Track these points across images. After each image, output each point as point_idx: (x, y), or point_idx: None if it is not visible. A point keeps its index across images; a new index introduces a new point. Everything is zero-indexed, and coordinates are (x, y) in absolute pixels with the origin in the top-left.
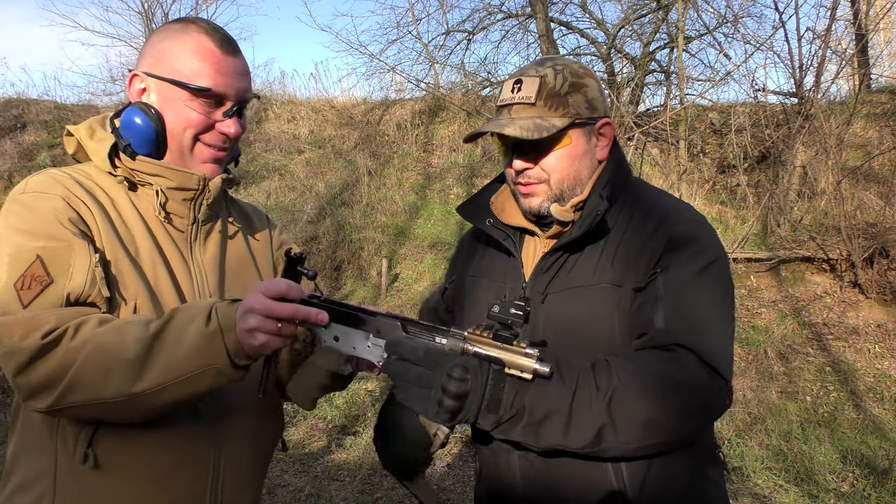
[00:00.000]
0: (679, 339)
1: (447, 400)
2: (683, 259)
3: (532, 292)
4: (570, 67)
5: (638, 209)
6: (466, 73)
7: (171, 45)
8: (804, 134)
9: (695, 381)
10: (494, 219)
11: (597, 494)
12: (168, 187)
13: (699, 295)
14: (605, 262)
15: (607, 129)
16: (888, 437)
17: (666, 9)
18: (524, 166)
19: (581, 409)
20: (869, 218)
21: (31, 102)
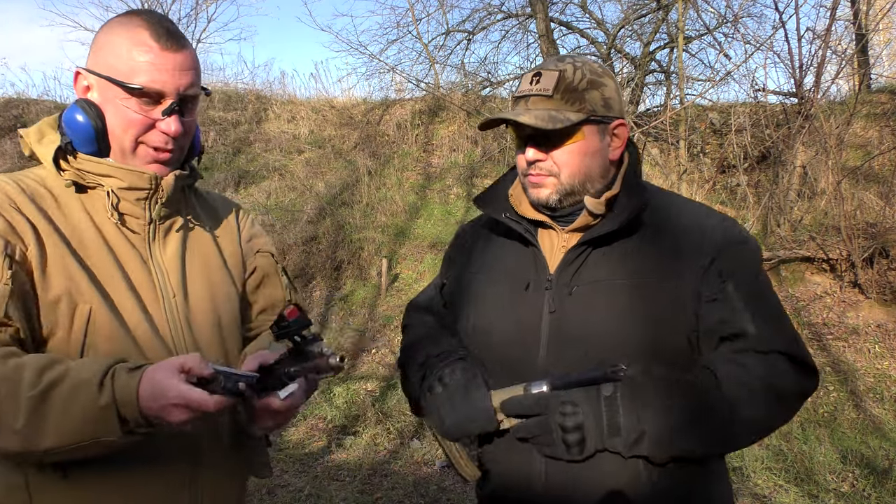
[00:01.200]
0: (775, 346)
1: (569, 436)
2: (745, 263)
3: (558, 285)
4: (589, 65)
5: (668, 209)
6: (466, 73)
7: (110, 40)
8: (804, 134)
9: (795, 385)
10: (511, 210)
11: (623, 492)
12: (119, 188)
13: (770, 299)
14: (638, 258)
15: (621, 130)
16: (888, 437)
17: (666, 9)
18: (536, 157)
19: (701, 422)
20: (869, 218)
21: (31, 102)
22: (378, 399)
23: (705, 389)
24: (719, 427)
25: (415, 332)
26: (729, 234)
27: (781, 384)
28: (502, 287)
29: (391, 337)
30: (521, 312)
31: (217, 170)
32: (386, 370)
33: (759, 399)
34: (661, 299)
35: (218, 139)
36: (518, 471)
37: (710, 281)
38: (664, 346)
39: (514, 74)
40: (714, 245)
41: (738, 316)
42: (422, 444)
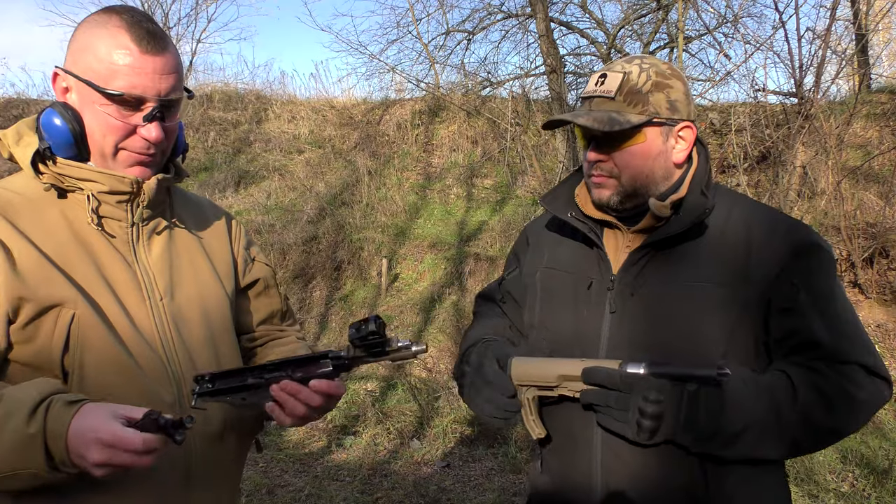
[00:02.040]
0: (851, 357)
1: (645, 421)
2: (818, 271)
3: (621, 285)
4: (657, 67)
5: (737, 210)
6: (466, 73)
7: (89, 41)
8: (804, 134)
9: (870, 395)
10: (577, 210)
11: (678, 493)
12: (100, 191)
13: (845, 306)
14: (704, 261)
15: (688, 133)
16: (888, 437)
17: (666, 9)
18: (597, 158)
19: (773, 424)
20: (869, 218)
21: (31, 102)
22: (378, 399)
23: (779, 392)
24: (790, 432)
25: (482, 322)
26: (801, 240)
27: (856, 393)
28: (565, 285)
29: None
30: (582, 311)
31: (217, 170)
32: (386, 370)
33: (833, 406)
34: (727, 305)
35: (218, 139)
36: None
37: (782, 289)
38: (731, 350)
39: (514, 74)
40: (786, 252)
41: (811, 326)
42: (422, 444)
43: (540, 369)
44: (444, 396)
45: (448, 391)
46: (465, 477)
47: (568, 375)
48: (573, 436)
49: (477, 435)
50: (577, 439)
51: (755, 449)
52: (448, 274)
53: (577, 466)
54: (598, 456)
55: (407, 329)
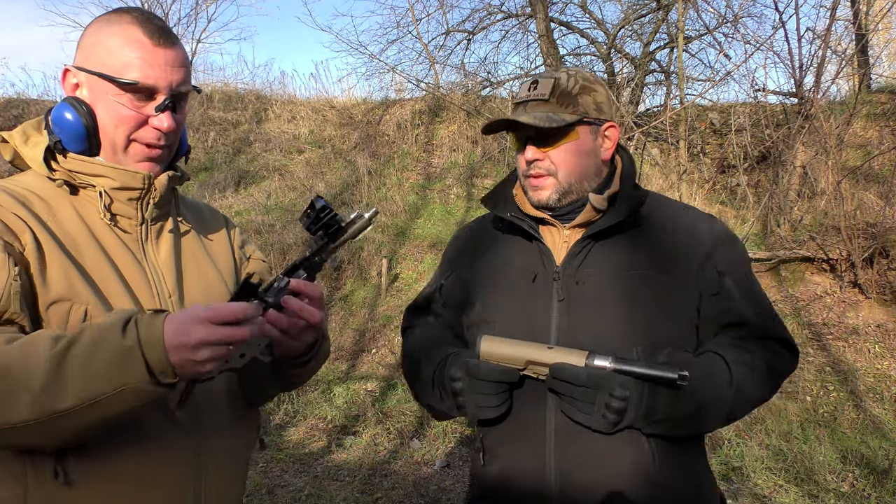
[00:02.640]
0: (772, 332)
1: (610, 414)
2: (738, 259)
3: (566, 275)
4: (581, 73)
5: (662, 206)
6: (466, 73)
7: (101, 38)
8: (804, 134)
9: (787, 366)
10: (516, 209)
11: (630, 469)
12: (112, 188)
13: (760, 290)
14: (639, 251)
15: (612, 132)
16: (888, 437)
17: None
18: (535, 156)
19: (716, 402)
20: (869, 218)
21: (31, 102)
22: (378, 399)
23: (719, 373)
24: (728, 407)
25: (414, 335)
26: (721, 232)
27: (778, 365)
28: (510, 279)
29: (391, 337)
30: (531, 301)
31: (217, 170)
32: (386, 370)
33: (760, 380)
34: (664, 289)
35: (218, 139)
36: (530, 449)
37: (709, 277)
38: (669, 332)
39: (514, 74)
40: (708, 244)
41: (739, 307)
42: (422, 444)
43: (509, 350)
44: None
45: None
46: (465, 477)
47: (535, 360)
48: (524, 421)
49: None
50: (527, 424)
51: (701, 426)
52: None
53: (528, 452)
54: (552, 439)
55: None
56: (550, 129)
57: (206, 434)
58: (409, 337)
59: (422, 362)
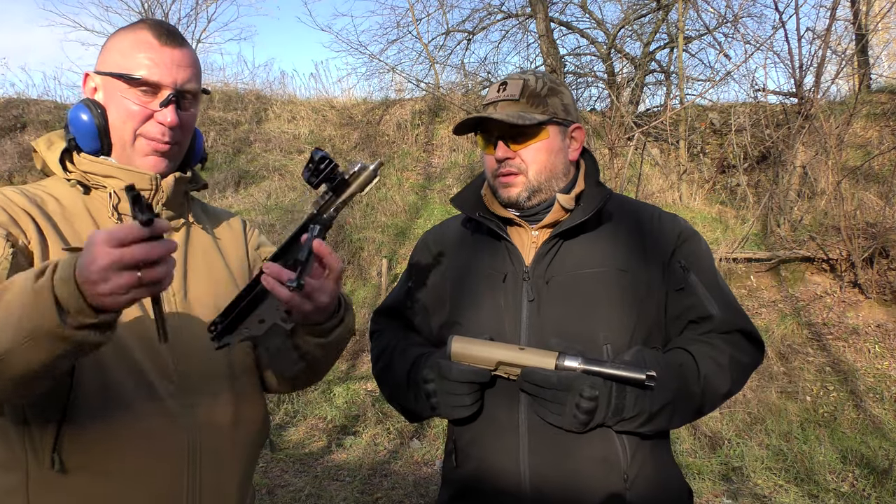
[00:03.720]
0: (736, 326)
1: (580, 415)
2: (701, 254)
3: (535, 275)
4: (548, 76)
5: (625, 204)
6: (466, 73)
7: (116, 42)
8: (804, 134)
9: (751, 358)
10: (484, 209)
11: (602, 465)
12: (121, 188)
13: (724, 284)
14: (605, 249)
15: (578, 134)
16: (888, 437)
17: (666, 9)
18: (506, 155)
19: (684, 399)
20: (869, 218)
21: (31, 102)
22: (378, 399)
23: (687, 369)
24: (697, 401)
25: (384, 337)
26: (683, 228)
27: (743, 359)
28: (479, 280)
29: None
30: (500, 302)
31: (217, 170)
32: None
33: (727, 373)
34: (632, 286)
35: (218, 139)
36: (503, 447)
37: (674, 272)
38: (638, 330)
39: None
40: (673, 238)
41: (704, 302)
42: (422, 444)
43: (480, 351)
44: None
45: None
46: None
47: (506, 361)
48: (497, 423)
49: None
50: (501, 424)
51: (670, 422)
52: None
53: (502, 451)
54: (525, 438)
55: None
56: (521, 128)
57: (201, 427)
58: (379, 340)
59: (394, 364)
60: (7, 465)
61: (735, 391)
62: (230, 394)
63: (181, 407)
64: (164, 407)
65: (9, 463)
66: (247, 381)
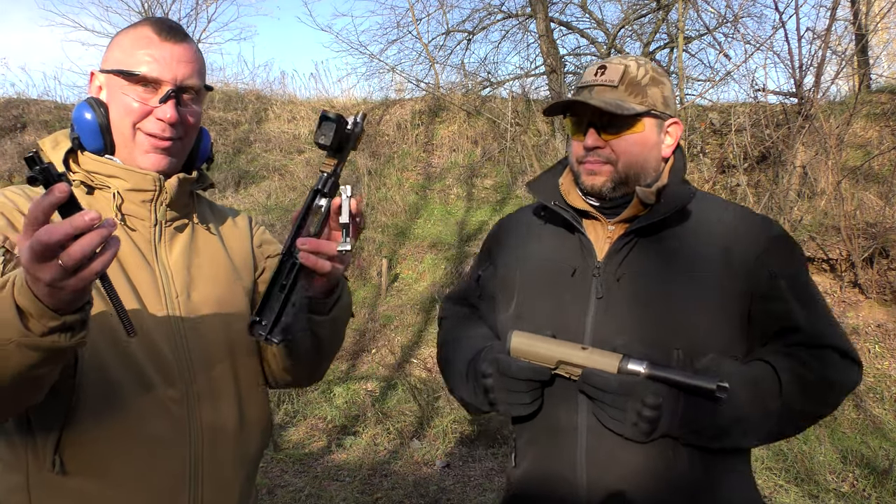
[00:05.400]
0: (828, 341)
1: (642, 423)
2: (793, 261)
3: (606, 271)
4: (650, 64)
5: (711, 206)
6: (466, 73)
7: (119, 40)
8: (804, 134)
9: (844, 377)
10: (560, 199)
11: (665, 479)
12: (125, 189)
13: (817, 294)
14: (685, 248)
15: (675, 129)
16: (888, 437)
17: (666, 9)
18: (596, 143)
19: (760, 416)
20: (869, 218)
21: (31, 102)
22: (378, 399)
23: (765, 384)
24: (774, 421)
25: (449, 326)
26: (776, 232)
27: (833, 377)
28: (546, 274)
29: (391, 337)
30: (565, 298)
31: (217, 170)
32: (386, 370)
33: (812, 392)
34: (710, 290)
35: (218, 139)
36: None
37: (761, 278)
38: (714, 336)
39: (514, 74)
40: (762, 242)
41: (791, 312)
42: (422, 444)
43: (540, 349)
44: (444, 396)
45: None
46: (465, 477)
47: (567, 361)
48: (555, 425)
49: (477, 435)
50: (559, 428)
51: (743, 439)
52: (448, 274)
53: (559, 456)
54: (583, 444)
55: (407, 329)
56: (616, 117)
57: (204, 428)
58: (444, 328)
59: (456, 354)
60: (10, 466)
61: (824, 413)
62: (234, 395)
63: (184, 408)
64: (167, 408)
65: (11, 463)
66: (251, 381)
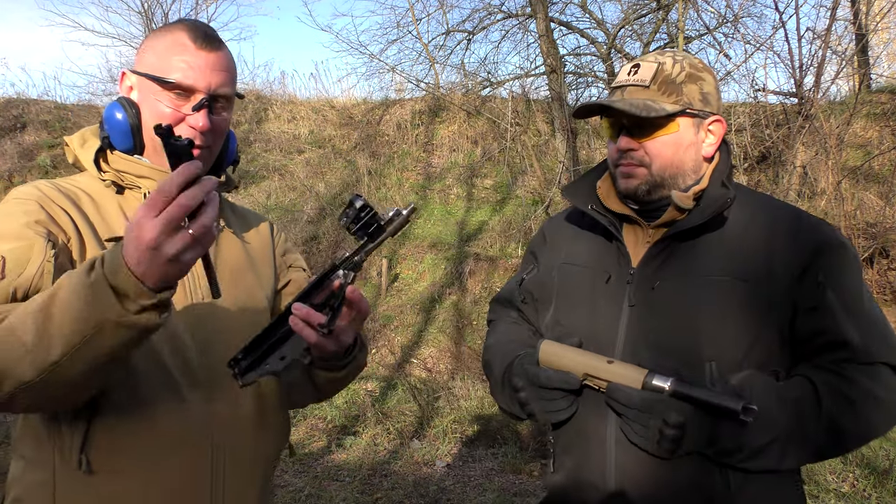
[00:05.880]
0: (880, 357)
1: (665, 442)
2: (845, 269)
3: (640, 279)
4: (689, 59)
5: (759, 207)
6: (466, 73)
7: (154, 42)
8: (804, 134)
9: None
10: (598, 203)
11: (696, 497)
12: None
13: (872, 304)
14: (725, 255)
15: (717, 127)
16: (888, 437)
17: (666, 9)
18: (629, 146)
19: (797, 436)
20: (869, 218)
21: (31, 102)
22: (378, 399)
23: (805, 403)
24: (814, 442)
25: (493, 330)
26: (826, 238)
27: (883, 395)
28: (583, 280)
29: (391, 337)
30: (600, 305)
31: None
32: (386, 370)
33: (860, 411)
34: (750, 300)
35: None
36: (592, 460)
37: (807, 287)
38: (752, 350)
39: (514, 74)
40: (809, 249)
41: (840, 325)
42: (422, 444)
43: (567, 360)
44: (444, 396)
45: (448, 391)
46: (465, 477)
47: (592, 374)
48: (586, 434)
49: (477, 435)
50: (590, 438)
51: (780, 461)
52: (448, 274)
53: (590, 465)
54: (612, 455)
55: (407, 329)
56: (647, 119)
57: (225, 429)
58: (490, 331)
59: (495, 361)
60: (34, 463)
61: (873, 434)
62: (254, 397)
63: (206, 408)
64: (189, 407)
65: (36, 461)
66: (269, 383)
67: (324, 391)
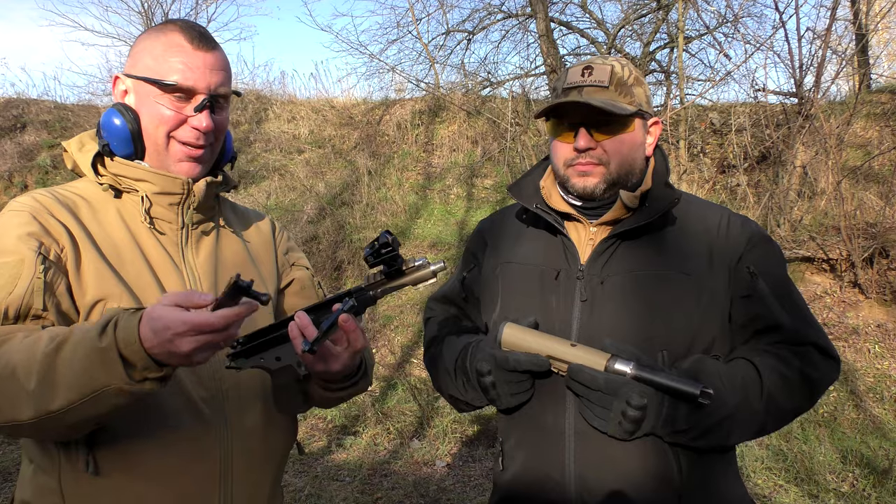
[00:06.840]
0: (808, 338)
1: (626, 423)
2: (772, 260)
3: (590, 274)
4: (631, 65)
5: (692, 205)
6: (466, 73)
7: (148, 45)
8: (804, 134)
9: (823, 374)
10: (542, 202)
11: (653, 479)
12: (153, 192)
13: (796, 293)
14: (668, 250)
15: (655, 129)
16: (888, 437)
17: (666, 9)
18: (588, 145)
19: (744, 414)
20: (869, 218)
21: (31, 102)
22: (378, 399)
23: (749, 383)
24: (758, 419)
25: (435, 325)
26: (755, 232)
27: (814, 374)
28: (529, 278)
29: (391, 337)
30: (550, 301)
31: None
32: (386, 370)
33: (794, 389)
34: (693, 291)
35: None
36: (549, 452)
37: (741, 278)
38: (697, 337)
39: (514, 74)
40: (742, 242)
41: (772, 311)
42: (422, 444)
43: (531, 343)
44: None
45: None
46: (465, 477)
47: (556, 357)
48: (542, 426)
49: (477, 435)
50: (546, 430)
51: (728, 438)
52: (448, 274)
53: (547, 458)
54: (571, 445)
55: (407, 329)
56: (610, 118)
57: (234, 432)
58: (429, 327)
59: (443, 353)
60: (42, 467)
61: (804, 409)
62: (261, 397)
63: (214, 410)
64: (198, 410)
65: (43, 465)
66: None
67: (317, 403)
